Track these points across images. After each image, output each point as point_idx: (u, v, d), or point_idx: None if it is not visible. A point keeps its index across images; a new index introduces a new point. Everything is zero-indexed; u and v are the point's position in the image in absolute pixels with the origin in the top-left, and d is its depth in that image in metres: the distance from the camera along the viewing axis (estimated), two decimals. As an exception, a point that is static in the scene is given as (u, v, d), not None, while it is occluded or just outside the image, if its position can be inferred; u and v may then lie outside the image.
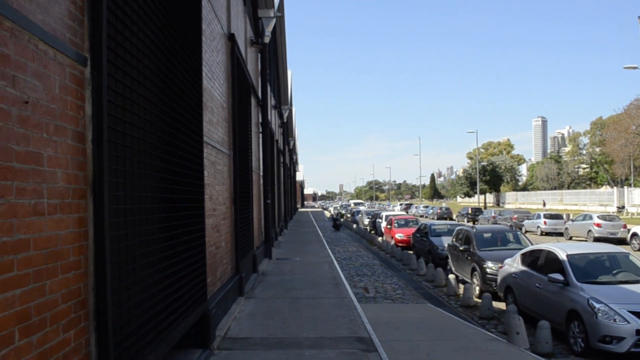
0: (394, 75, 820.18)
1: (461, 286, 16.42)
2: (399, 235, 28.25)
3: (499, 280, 13.91)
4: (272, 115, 23.15)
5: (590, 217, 33.34)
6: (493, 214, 49.23)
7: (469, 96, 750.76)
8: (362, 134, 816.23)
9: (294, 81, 46.71)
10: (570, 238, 33.78)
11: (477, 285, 15.50)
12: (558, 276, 10.75)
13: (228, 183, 8.88)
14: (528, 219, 41.38)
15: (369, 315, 9.73)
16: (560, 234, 35.42)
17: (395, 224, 29.79)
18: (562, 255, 11.32)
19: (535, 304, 11.51)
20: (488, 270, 15.07)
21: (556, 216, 39.36)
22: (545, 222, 37.67)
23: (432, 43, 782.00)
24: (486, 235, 17.37)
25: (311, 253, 18.48)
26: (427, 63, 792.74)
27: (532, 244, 16.93)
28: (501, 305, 13.74)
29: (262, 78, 16.21)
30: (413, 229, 28.08)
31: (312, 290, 10.42)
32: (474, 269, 15.92)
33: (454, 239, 18.79)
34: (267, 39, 15.82)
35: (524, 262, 12.99)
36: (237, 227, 9.35)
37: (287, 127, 38.72)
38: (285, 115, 31.39)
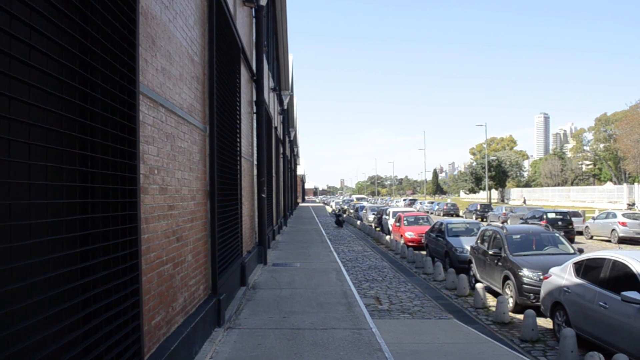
0: (395, 70, 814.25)
1: (488, 296, 13.91)
2: (409, 234, 25.85)
3: (542, 294, 11.35)
4: (271, 99, 20.50)
5: (614, 215, 31.01)
6: (504, 211, 46.77)
7: (471, 92, 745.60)
8: (363, 129, 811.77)
9: (294, 73, 44.09)
10: (591, 237, 31.50)
11: (511, 297, 12.94)
12: (635, 295, 8.20)
13: (200, 169, 6.27)
14: (544, 216, 38.80)
15: (388, 338, 7.30)
16: (580, 233, 33.05)
17: (405, 222, 27.35)
18: (639, 268, 8.75)
19: (600, 329, 9.00)
20: (525, 279, 12.54)
21: (573, 214, 36.96)
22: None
23: (434, 39, 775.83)
24: (518, 237, 14.75)
25: (314, 256, 15.84)
26: (428, 59, 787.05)
27: (574, 248, 14.41)
28: (545, 323, 11.33)
29: (257, 49, 13.56)
30: (424, 227, 25.78)
31: (318, 314, 7.79)
32: (506, 278, 13.34)
33: (478, 241, 16.20)
34: (263, 1, 13.19)
35: (579, 273, 10.40)
36: (215, 230, 6.74)
37: (287, 116, 36.03)
38: (286, 101, 28.73)
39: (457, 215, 55.77)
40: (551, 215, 32.77)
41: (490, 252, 14.31)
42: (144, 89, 4.05)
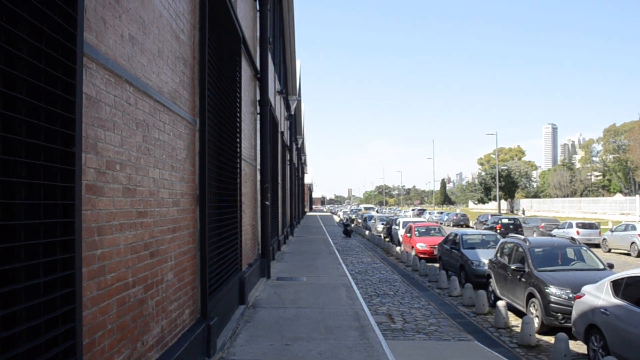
0: (403, 81, 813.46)
1: (510, 314, 12.77)
2: (420, 245, 24.76)
3: (575, 315, 10.21)
4: (277, 102, 19.50)
5: (634, 228, 29.84)
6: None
7: (478, 103, 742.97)
8: (371, 139, 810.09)
9: (302, 80, 43.22)
10: (609, 250, 30.29)
11: (536, 316, 11.80)
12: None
13: (187, 169, 5.22)
14: (557, 228, 37.73)
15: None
16: (596, 246, 31.86)
17: (416, 232, 26.26)
18: (695, 289, 7.61)
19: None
20: (552, 298, 11.41)
21: (590, 225, 35.78)
22: (578, 232, 34.09)
23: (441, 51, 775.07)
24: (543, 250, 13.58)
25: (321, 269, 14.73)
26: (436, 70, 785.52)
27: (603, 263, 13.24)
28: (576, 347, 10.25)
29: (261, 45, 12.57)
30: (436, 238, 24.73)
31: (327, 341, 6.68)
32: (531, 295, 12.18)
33: (498, 254, 15.05)
34: (268, -7, 12.21)
35: (618, 292, 9.25)
36: (206, 242, 5.67)
37: (295, 122, 35.04)
38: (293, 106, 27.76)
39: (467, 226, 54.55)
40: (504, 221, 40.63)
41: (512, 267, 13.17)
42: (96, 54, 3.01)
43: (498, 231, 40.45)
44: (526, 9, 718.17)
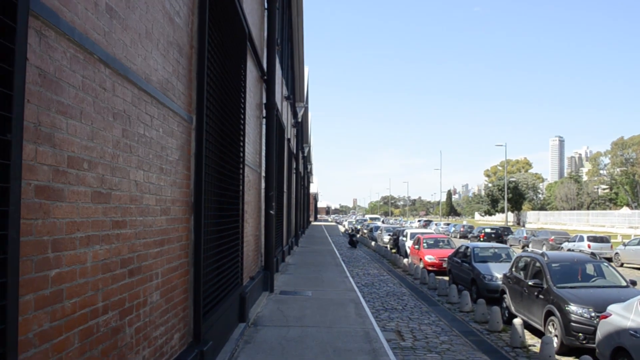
0: (410, 92, 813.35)
1: (526, 333, 11.98)
2: (428, 258, 24.00)
3: (600, 336, 9.44)
4: (284, 108, 18.87)
5: (649, 242, 28.97)
6: (525, 234, 44.61)
7: (484, 115, 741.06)
8: (376, 150, 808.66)
9: (310, 88, 42.64)
10: (621, 265, 29.41)
11: (555, 335, 11.02)
12: None
13: (180, 173, 4.55)
14: (568, 241, 36.84)
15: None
16: (608, 260, 31.02)
17: (424, 244, 25.49)
18: None
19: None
20: (573, 316, 10.63)
21: (601, 239, 34.90)
22: (589, 246, 33.20)
23: (449, 62, 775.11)
24: (562, 265, 12.80)
25: (327, 283, 13.99)
26: (443, 82, 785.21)
27: (625, 280, 12.48)
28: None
29: (268, 45, 11.94)
30: (445, 251, 23.97)
31: (335, 368, 5.97)
32: (549, 313, 11.40)
33: (513, 269, 14.27)
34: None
35: (650, 314, 8.48)
36: (202, 256, 4.99)
37: (301, 130, 34.42)
38: (300, 113, 27.11)
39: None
40: (487, 230, 44.95)
41: (530, 283, 12.38)
42: (56, 20, 2.34)
43: (481, 239, 42.39)
44: (535, 21, 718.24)
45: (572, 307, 10.61)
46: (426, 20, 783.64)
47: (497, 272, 16.42)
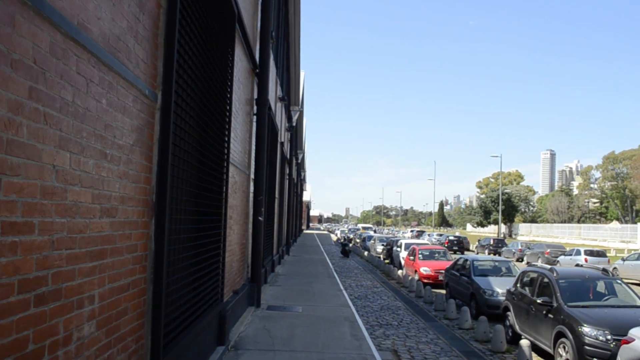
0: (402, 103, 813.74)
1: (533, 354, 10.98)
2: (424, 270, 23.07)
3: (621, 364, 8.46)
4: (278, 109, 17.84)
5: (649, 257, 28.31)
6: (520, 247, 43.79)
7: (475, 127, 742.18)
8: (368, 160, 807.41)
9: (305, 95, 41.54)
10: (620, 280, 28.53)
11: (567, 359, 10.06)
12: None
13: (135, 162, 3.48)
14: (564, 254, 36.06)
15: None
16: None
17: (420, 256, 24.56)
18: None
19: None
20: (587, 339, 9.69)
21: (598, 253, 34.21)
22: (586, 260, 32.38)
23: (440, 71, 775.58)
24: (571, 282, 11.85)
25: (320, 296, 12.90)
26: (433, 92, 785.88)
27: (639, 297, 11.55)
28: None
29: (262, 36, 10.92)
30: (442, 263, 23.14)
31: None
32: (560, 335, 10.41)
33: (518, 285, 13.29)
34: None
35: (681, 342, 7.49)
36: (163, 271, 3.92)
37: (295, 134, 33.35)
38: (295, 117, 26.08)
39: (467, 250, 52.94)
40: (451, 238, 50.44)
41: (538, 301, 11.36)
42: None
43: (446, 245, 44.01)
44: (528, 35, 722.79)
45: (586, 329, 9.66)
46: (422, 32, 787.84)
47: (498, 286, 15.60)
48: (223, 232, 7.05)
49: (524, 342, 10.41)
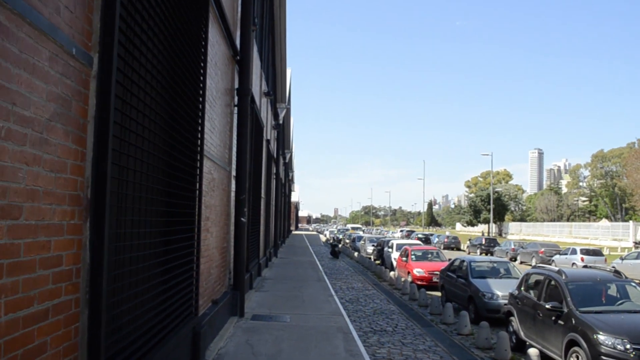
0: (389, 103, 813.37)
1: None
2: (417, 271, 22.24)
3: (642, 377, 7.62)
4: (263, 104, 16.89)
5: (648, 256, 27.71)
6: (513, 246, 43.11)
7: (463, 126, 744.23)
8: (357, 160, 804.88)
9: (292, 95, 40.63)
10: (619, 281, 27.91)
11: (580, 370, 9.20)
12: None
13: (57, 144, 2.55)
14: (559, 254, 35.39)
15: None
16: (600, 273, 29.58)
17: (412, 256, 23.73)
18: None
19: None
20: (603, 349, 8.84)
21: (594, 252, 33.57)
22: (582, 259, 31.77)
23: (429, 72, 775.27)
24: (582, 285, 10.98)
25: (309, 303, 11.97)
26: (422, 92, 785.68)
27: (655, 301, 10.69)
28: None
29: (243, 21, 9.98)
30: (435, 264, 22.35)
31: None
32: (572, 343, 9.52)
33: (522, 288, 12.43)
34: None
35: None
36: (103, 289, 2.98)
37: (283, 133, 32.38)
38: (282, 115, 25.09)
39: (458, 249, 52.22)
40: (419, 236, 54.91)
41: (547, 306, 10.48)
42: None
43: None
44: (515, 35, 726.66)
45: (602, 337, 8.79)
46: (409, 33, 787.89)
47: (498, 289, 14.77)
48: (197, 236, 6.10)
49: (533, 352, 9.55)
